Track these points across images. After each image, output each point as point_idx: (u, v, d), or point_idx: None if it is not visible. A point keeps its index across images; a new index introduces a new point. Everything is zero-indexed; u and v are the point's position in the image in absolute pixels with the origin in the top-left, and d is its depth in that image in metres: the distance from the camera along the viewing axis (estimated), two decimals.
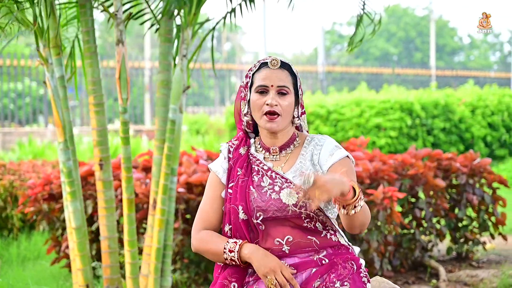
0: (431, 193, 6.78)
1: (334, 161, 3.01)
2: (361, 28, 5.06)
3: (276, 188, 3.01)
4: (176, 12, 4.95)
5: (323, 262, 2.97)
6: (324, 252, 3.01)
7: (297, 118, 3.13)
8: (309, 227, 3.01)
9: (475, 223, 7.27)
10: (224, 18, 5.13)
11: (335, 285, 2.88)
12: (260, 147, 3.16)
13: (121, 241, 5.98)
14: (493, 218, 7.26)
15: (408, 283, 6.30)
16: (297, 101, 3.11)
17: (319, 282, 2.92)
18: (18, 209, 7.26)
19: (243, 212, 3.03)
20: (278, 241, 3.01)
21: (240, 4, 5.12)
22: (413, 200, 6.77)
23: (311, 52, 59.40)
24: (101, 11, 5.03)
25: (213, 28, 5.13)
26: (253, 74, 3.09)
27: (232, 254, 3.00)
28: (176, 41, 5.10)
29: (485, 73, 36.90)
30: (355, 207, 2.78)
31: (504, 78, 34.05)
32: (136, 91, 24.44)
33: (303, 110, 3.18)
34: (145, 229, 5.96)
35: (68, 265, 6.44)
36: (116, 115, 23.12)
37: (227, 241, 3.03)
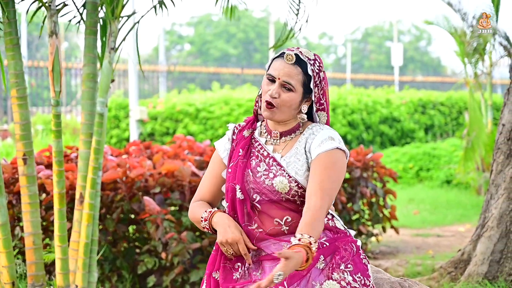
0: None
1: (321, 151, 3.03)
2: (286, 29, 5.18)
3: (271, 175, 3.07)
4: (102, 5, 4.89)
5: (324, 246, 3.05)
6: (325, 237, 3.09)
7: (314, 113, 3.17)
8: None
9: (367, 216, 7.55)
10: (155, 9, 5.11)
11: (340, 267, 2.98)
12: (265, 130, 3.21)
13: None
14: (384, 211, 7.56)
15: None
16: (305, 98, 3.11)
17: (323, 264, 3.00)
18: None
19: (240, 192, 3.11)
20: (277, 221, 3.08)
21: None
22: None
23: (150, 52, 59.05)
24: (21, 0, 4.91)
25: (138, 22, 5.10)
26: (273, 59, 3.13)
27: (205, 222, 3.15)
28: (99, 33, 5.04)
29: None
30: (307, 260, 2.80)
31: (339, 79, 35.28)
32: None
33: (321, 106, 3.16)
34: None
35: None
36: None
37: (205, 210, 3.18)
